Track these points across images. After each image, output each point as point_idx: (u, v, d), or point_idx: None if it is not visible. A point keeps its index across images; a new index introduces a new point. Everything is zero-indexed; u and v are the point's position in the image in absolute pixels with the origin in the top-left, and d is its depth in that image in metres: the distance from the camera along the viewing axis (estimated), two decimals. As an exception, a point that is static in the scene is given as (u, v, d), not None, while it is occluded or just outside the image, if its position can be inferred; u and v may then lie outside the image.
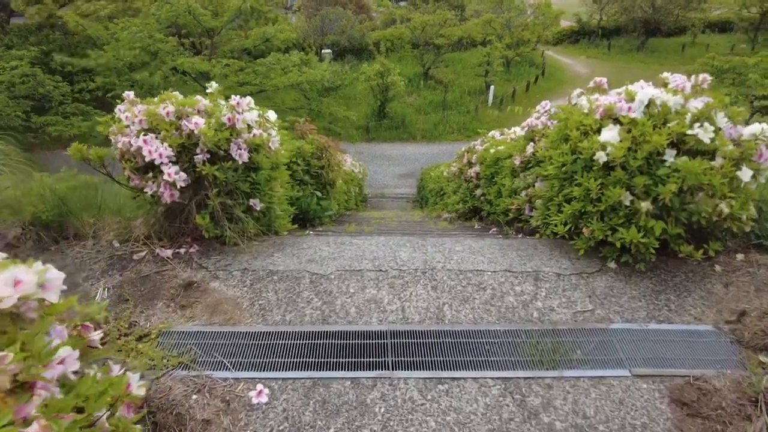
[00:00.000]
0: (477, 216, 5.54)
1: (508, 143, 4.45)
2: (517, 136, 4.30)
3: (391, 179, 16.42)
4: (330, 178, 5.37)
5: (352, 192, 10.27)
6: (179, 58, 10.23)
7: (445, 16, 24.80)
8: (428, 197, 10.52)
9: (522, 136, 4.03)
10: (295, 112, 13.72)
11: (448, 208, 7.19)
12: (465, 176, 6.03)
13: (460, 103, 22.06)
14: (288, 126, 5.24)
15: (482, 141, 5.70)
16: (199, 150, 2.71)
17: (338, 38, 25.12)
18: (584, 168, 2.75)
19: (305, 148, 4.69)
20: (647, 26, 30.57)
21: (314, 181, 5.09)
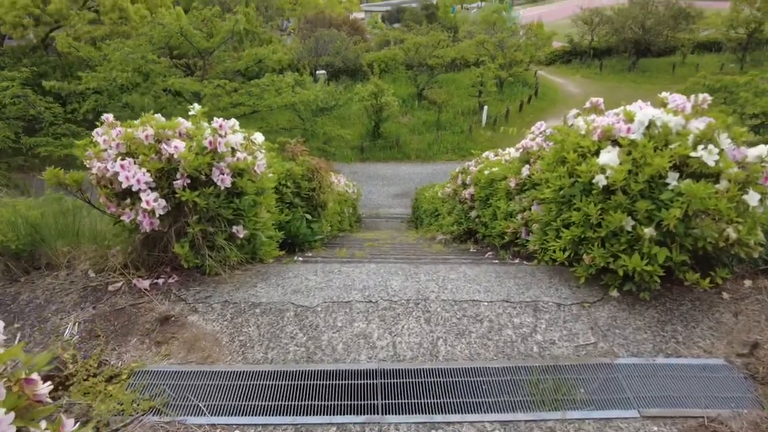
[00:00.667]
0: (472, 238, 5.41)
1: (503, 165, 4.35)
2: (512, 157, 4.20)
3: (385, 199, 16.32)
4: (321, 200, 5.24)
5: (345, 213, 10.14)
6: (171, 78, 10.17)
7: (438, 37, 25.09)
8: (423, 218, 10.41)
9: (517, 157, 3.93)
10: (289, 133, 13.67)
11: (443, 230, 7.06)
12: (459, 197, 5.92)
13: (454, 123, 22.13)
14: (278, 147, 5.13)
15: (476, 162, 5.60)
16: (179, 175, 2.58)
17: (332, 59, 25.30)
18: (583, 192, 2.64)
19: (295, 170, 4.57)
20: (638, 47, 31.05)
21: (305, 203, 4.96)
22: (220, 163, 2.71)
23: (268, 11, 35.86)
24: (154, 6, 19.96)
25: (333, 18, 32.22)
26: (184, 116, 2.96)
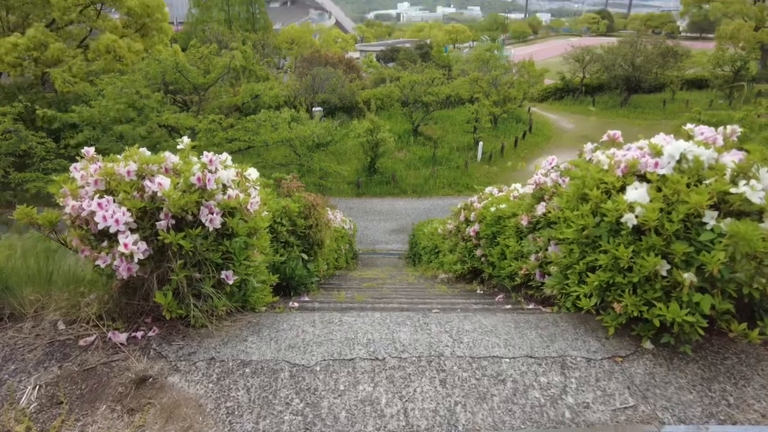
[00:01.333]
0: (478, 278, 5.14)
1: (511, 201, 4.13)
2: (521, 193, 3.98)
3: (382, 235, 16.07)
4: (318, 238, 4.98)
5: (342, 250, 9.86)
6: (165, 113, 10.08)
7: (432, 75, 25.51)
8: (421, 254, 10.14)
9: (526, 193, 3.71)
10: (285, 168, 13.53)
11: (445, 268, 6.79)
12: (462, 235, 5.68)
13: (450, 158, 22.19)
14: (274, 183, 4.91)
15: (480, 197, 5.39)
16: (162, 215, 2.32)
17: (329, 96, 25.56)
18: (610, 232, 2.39)
19: (291, 207, 4.32)
20: (628, 83, 31.72)
21: (300, 242, 4.70)
22: (210, 201, 2.46)
23: (265, 50, 36.54)
24: (152, 44, 20.21)
25: (329, 57, 32.81)
26: (176, 151, 2.73)
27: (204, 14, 41.68)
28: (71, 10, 17.61)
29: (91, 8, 18.10)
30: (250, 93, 12.02)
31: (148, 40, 20.01)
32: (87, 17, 17.88)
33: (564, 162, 3.44)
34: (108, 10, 19.11)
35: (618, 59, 31.20)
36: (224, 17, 42.19)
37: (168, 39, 21.39)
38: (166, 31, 21.06)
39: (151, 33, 20.22)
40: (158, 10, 19.89)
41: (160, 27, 20.13)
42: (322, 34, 55.92)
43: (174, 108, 11.05)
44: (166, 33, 21.03)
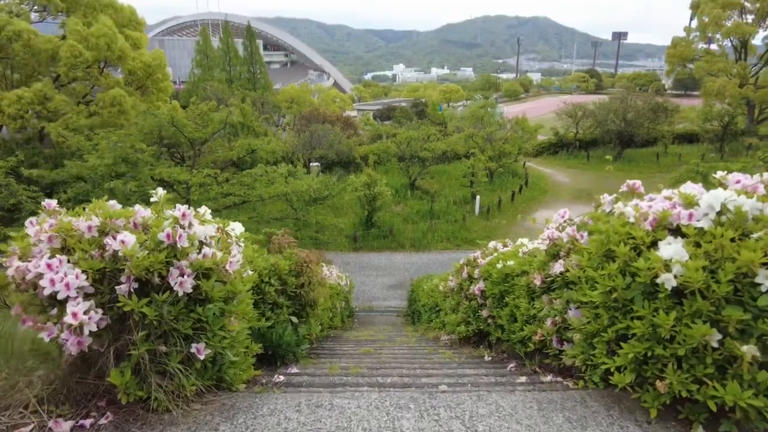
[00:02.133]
0: (485, 342, 4.73)
1: (520, 258, 3.81)
2: (531, 249, 3.67)
3: (379, 291, 15.59)
4: (311, 298, 4.60)
5: (337, 308, 9.42)
6: (159, 167, 9.93)
7: (428, 131, 25.93)
8: (421, 312, 9.68)
9: (538, 249, 3.40)
10: (281, 222, 13.28)
11: (447, 329, 6.36)
12: (466, 293, 5.31)
13: (447, 212, 22.07)
14: (264, 239, 4.60)
15: (483, 253, 5.07)
16: (124, 278, 1.99)
17: (326, 152, 25.81)
18: (644, 295, 2.06)
19: (281, 265, 3.99)
20: (621, 138, 32.30)
21: (291, 302, 4.33)
22: (182, 261, 2.14)
23: (264, 108, 37.42)
24: (153, 100, 20.53)
25: (327, 115, 33.52)
26: (165, 206, 2.45)
27: (206, 74, 43.05)
28: (77, 67, 17.98)
29: (95, 67, 18.48)
30: (246, 148, 11.97)
31: (148, 97, 20.35)
32: (91, 75, 18.22)
33: (579, 215, 3.15)
34: (111, 69, 19.54)
35: (610, 115, 31.94)
36: (225, 77, 43.56)
37: (168, 97, 21.78)
38: (166, 90, 21.47)
39: (151, 91, 20.60)
40: (159, 70, 20.36)
41: (160, 86, 20.52)
42: (321, 94, 57.67)
43: (169, 162, 10.94)
44: (166, 91, 21.43)
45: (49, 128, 13.16)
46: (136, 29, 20.31)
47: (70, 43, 16.43)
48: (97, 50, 17.74)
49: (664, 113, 32.02)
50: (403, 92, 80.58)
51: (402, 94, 77.54)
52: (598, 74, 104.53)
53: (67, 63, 16.71)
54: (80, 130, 15.43)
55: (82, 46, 17.25)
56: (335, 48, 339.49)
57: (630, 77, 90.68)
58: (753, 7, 32.24)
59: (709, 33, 33.97)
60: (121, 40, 18.39)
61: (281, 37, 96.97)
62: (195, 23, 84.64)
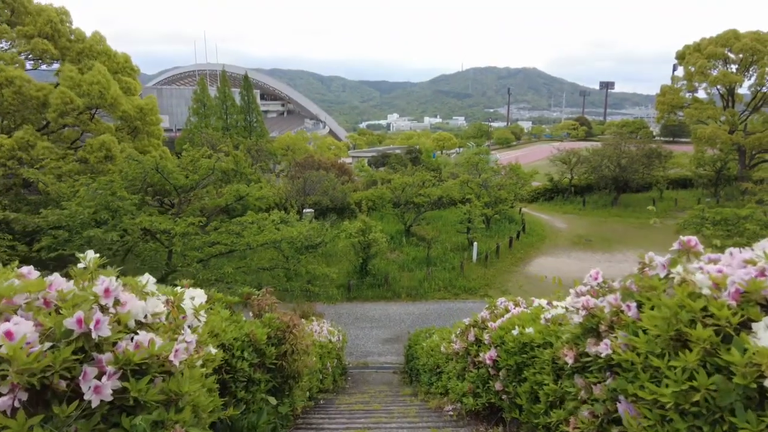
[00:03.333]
0: (497, 418, 4.05)
1: (541, 325, 3.22)
2: (555, 316, 3.10)
3: (374, 344, 14.73)
4: (294, 369, 3.96)
5: (328, 368, 8.67)
6: (141, 215, 9.38)
7: (423, 177, 25.72)
8: (420, 372, 8.90)
9: (565, 317, 2.83)
10: (270, 273, 12.62)
11: (451, 397, 5.66)
12: (473, 358, 4.67)
13: (444, 259, 21.46)
14: (241, 301, 4.00)
15: (493, 313, 4.48)
16: (5, 386, 1.40)
17: (320, 198, 25.45)
18: (744, 400, 1.49)
19: (258, 334, 3.37)
20: (617, 183, 32.30)
21: (271, 375, 3.67)
22: (102, 355, 1.55)
23: (260, 154, 37.46)
24: (144, 146, 20.24)
25: (322, 161, 33.46)
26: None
27: (202, 122, 43.41)
28: (68, 114, 17.76)
29: (86, 113, 18.29)
30: (234, 194, 11.48)
31: (138, 142, 20.08)
32: (81, 121, 17.99)
33: (617, 278, 2.60)
34: (102, 115, 19.36)
35: (604, 160, 32.06)
36: (222, 125, 43.94)
37: (159, 141, 21.55)
38: (156, 135, 21.26)
39: (142, 135, 20.37)
40: (152, 114, 20.21)
41: (151, 130, 20.32)
42: (317, 142, 58.26)
43: (152, 210, 10.41)
44: (157, 136, 21.21)
45: (27, 174, 12.69)
46: (130, 75, 20.32)
47: (61, 90, 16.25)
48: (89, 97, 17.59)
49: (658, 159, 32.19)
50: (398, 140, 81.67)
51: (396, 141, 78.53)
52: (587, 122, 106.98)
53: (57, 109, 16.50)
54: (69, 176, 14.99)
55: (74, 93, 17.09)
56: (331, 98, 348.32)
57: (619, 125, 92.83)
58: (736, 58, 33.14)
59: (696, 82, 34.75)
60: (114, 87, 18.30)
61: (278, 87, 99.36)
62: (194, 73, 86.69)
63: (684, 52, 35.15)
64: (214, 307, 3.26)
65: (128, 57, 20.80)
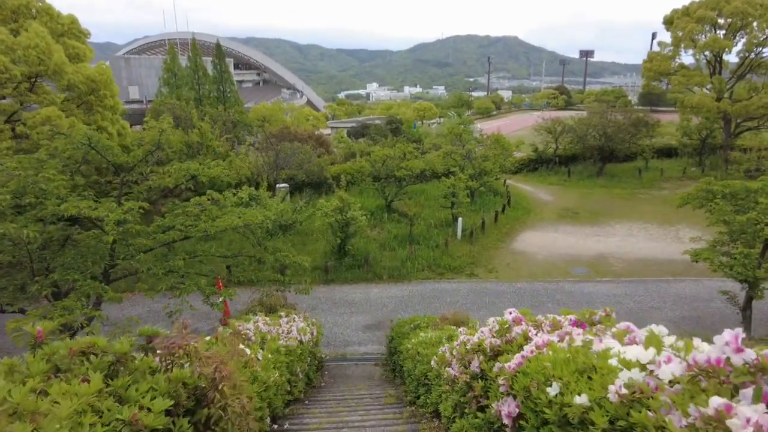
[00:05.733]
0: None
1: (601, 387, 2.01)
2: (635, 381, 1.90)
3: (354, 333, 13.62)
4: None
5: (299, 374, 7.49)
6: (70, 200, 7.86)
7: (405, 149, 24.33)
8: (405, 373, 7.80)
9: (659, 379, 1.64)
10: (233, 260, 11.25)
11: (443, 422, 4.54)
12: (476, 395, 3.50)
13: (428, 236, 20.32)
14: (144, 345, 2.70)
15: (506, 340, 3.30)
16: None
17: (295, 172, 23.90)
18: None
19: (153, 410, 2.09)
20: (602, 153, 31.41)
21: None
22: None
23: (235, 126, 35.54)
24: (98, 120, 18.33)
25: (298, 133, 31.67)
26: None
27: (173, 92, 40.99)
28: (5, 86, 15.78)
29: (26, 83, 16.29)
30: (183, 173, 9.98)
31: (91, 116, 18.16)
32: (19, 92, 16.02)
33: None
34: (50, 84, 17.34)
35: (590, 129, 31.06)
36: (194, 95, 41.61)
37: (117, 116, 19.60)
38: (114, 108, 19.30)
39: (96, 110, 18.42)
40: (105, 86, 18.21)
41: (106, 103, 18.37)
42: (294, 112, 55.97)
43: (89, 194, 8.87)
44: (114, 109, 19.26)
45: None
46: (78, 39, 18.20)
47: (-10, 57, 14.26)
48: (26, 64, 15.59)
49: (645, 127, 31.31)
50: (377, 110, 79.48)
51: (376, 111, 76.41)
52: (567, 91, 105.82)
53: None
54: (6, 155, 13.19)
55: (7, 59, 15.07)
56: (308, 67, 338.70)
57: (598, 93, 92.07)
58: (725, 23, 32.09)
59: (683, 48, 33.70)
60: (57, 52, 16.27)
61: (252, 56, 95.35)
62: (164, 42, 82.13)
63: (672, 16, 33.92)
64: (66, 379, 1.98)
65: (75, 18, 18.59)
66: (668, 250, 19.37)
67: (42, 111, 15.77)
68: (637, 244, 20.31)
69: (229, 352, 3.85)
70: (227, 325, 6.52)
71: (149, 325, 3.04)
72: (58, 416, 1.61)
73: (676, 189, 28.78)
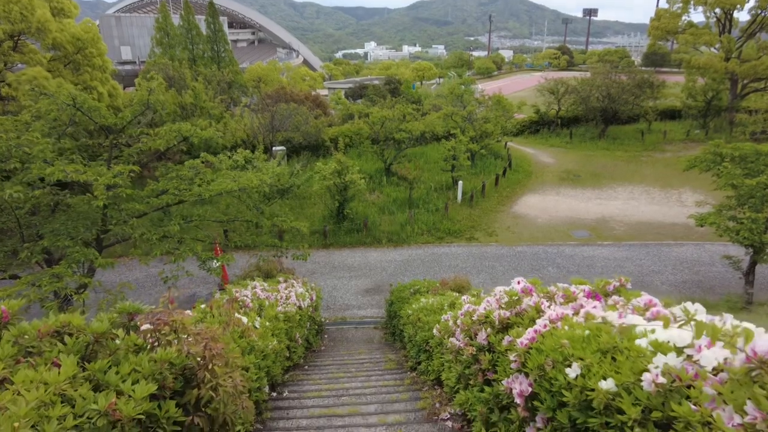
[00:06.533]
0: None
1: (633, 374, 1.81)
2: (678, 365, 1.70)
3: (353, 296, 13.58)
4: (221, 416, 2.54)
5: (298, 339, 7.40)
6: (57, 164, 7.53)
7: (404, 110, 23.72)
8: (405, 338, 7.73)
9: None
10: (230, 225, 11.03)
11: (446, 392, 4.45)
12: (482, 368, 3.34)
13: (427, 200, 20.08)
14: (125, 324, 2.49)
15: (502, 302, 3.12)
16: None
17: (292, 134, 23.37)
18: None
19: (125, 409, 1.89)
20: (605, 115, 30.78)
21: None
22: None
23: (230, 87, 34.70)
24: (87, 80, 17.73)
25: (294, 94, 30.88)
26: None
27: (166, 53, 39.77)
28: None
29: (8, 43, 15.60)
30: (175, 135, 9.57)
31: (80, 76, 17.54)
32: (2, 51, 15.36)
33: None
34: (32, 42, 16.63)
35: (593, 90, 30.30)
36: (187, 56, 40.43)
37: (106, 75, 18.95)
38: (103, 68, 18.62)
39: (84, 69, 17.76)
40: (92, 45, 17.50)
41: (94, 63, 17.70)
42: (290, 72, 54.59)
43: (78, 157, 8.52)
44: (104, 69, 18.59)
45: None
46: (61, -6, 17.35)
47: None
48: (8, 21, 14.88)
49: (650, 88, 30.54)
50: (375, 70, 77.63)
51: (374, 72, 74.61)
52: (569, 51, 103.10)
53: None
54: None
55: (-13, 15, 14.38)
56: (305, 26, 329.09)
57: (601, 54, 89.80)
58: (737, -24, 30.79)
59: (692, 5, 32.51)
60: (41, 8, 15.52)
61: (247, 14, 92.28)
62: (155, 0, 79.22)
63: (683, -30, 32.55)
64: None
65: (57, -30, 17.67)
66: (670, 214, 19.20)
67: (28, 71, 15.18)
68: (639, 208, 20.12)
69: (222, 325, 3.66)
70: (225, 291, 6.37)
71: (146, 291, 2.84)
72: (16, 414, 1.40)
73: (678, 152, 28.36)
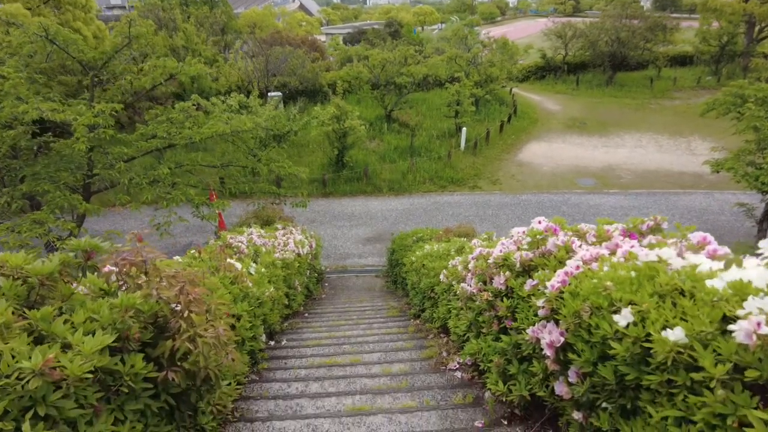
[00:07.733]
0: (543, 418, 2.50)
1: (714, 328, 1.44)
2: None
3: (354, 245, 13.31)
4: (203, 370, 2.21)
5: (297, 287, 7.13)
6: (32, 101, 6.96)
7: (405, 52, 22.62)
8: (407, 281, 7.47)
9: None
10: (225, 170, 10.55)
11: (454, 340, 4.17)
12: (497, 315, 3.01)
13: (430, 147, 19.47)
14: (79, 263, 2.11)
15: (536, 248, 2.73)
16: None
17: (288, 79, 22.42)
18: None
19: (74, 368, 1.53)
20: (613, 60, 29.54)
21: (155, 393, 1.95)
22: None
23: (224, 32, 33.20)
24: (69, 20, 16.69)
25: (290, 38, 29.47)
26: None
27: (157, -5, 37.74)
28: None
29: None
30: (161, 72, 8.90)
31: (62, 15, 16.49)
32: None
33: None
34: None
35: (602, 34, 28.90)
36: (179, 0, 38.50)
37: (91, 15, 17.86)
38: (86, 7, 17.51)
39: (65, 8, 16.69)
40: (71, -23, 16.36)
41: (76, 1, 16.60)
42: (286, 18, 52.19)
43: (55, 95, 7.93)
44: (87, 9, 17.49)
45: None
46: None
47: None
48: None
49: (663, 32, 29.11)
50: (375, 15, 74.36)
51: (373, 16, 71.52)
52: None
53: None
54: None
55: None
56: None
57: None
58: None
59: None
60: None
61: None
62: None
63: None
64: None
65: None
66: (679, 162, 18.67)
67: (5, 7, 14.19)
68: (647, 156, 19.56)
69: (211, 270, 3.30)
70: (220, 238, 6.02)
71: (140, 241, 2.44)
72: None
73: (689, 99, 27.41)
